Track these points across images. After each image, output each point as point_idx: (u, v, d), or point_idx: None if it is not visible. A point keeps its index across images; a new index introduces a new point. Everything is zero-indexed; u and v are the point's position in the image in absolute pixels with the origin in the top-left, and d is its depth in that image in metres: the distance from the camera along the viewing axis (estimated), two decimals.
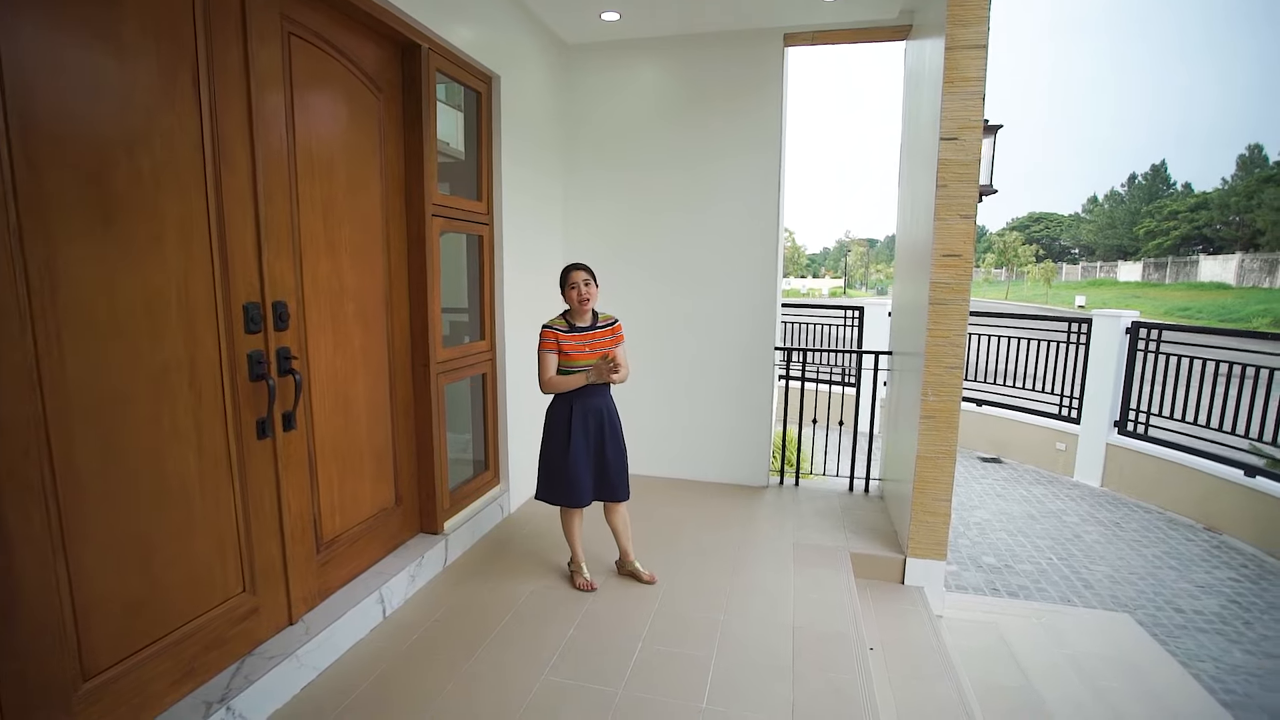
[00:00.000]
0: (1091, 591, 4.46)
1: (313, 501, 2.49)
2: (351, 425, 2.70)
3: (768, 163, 4.16)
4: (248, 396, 2.15)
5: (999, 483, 6.79)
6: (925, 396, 3.25)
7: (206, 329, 1.99)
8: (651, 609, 2.81)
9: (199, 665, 2.02)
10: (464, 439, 3.75)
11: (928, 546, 3.32)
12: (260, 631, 2.25)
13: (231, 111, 2.03)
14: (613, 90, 4.36)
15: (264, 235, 2.17)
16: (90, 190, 1.64)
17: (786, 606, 2.85)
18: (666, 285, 4.43)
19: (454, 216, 3.23)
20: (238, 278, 2.09)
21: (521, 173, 3.82)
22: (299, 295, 2.36)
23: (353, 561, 2.74)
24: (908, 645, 2.85)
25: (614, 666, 2.40)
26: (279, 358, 2.26)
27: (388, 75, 2.83)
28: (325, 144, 2.47)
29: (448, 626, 2.67)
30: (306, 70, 2.35)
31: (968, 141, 3.01)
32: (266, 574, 2.27)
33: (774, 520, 3.83)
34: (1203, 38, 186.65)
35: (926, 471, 3.29)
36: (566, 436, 2.85)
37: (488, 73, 3.45)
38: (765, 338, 4.29)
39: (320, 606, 2.52)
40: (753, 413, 4.37)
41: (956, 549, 5.14)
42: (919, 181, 3.53)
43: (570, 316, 2.91)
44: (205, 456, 2.01)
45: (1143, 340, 6.30)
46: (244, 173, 2.09)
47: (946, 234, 3.09)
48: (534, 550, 3.37)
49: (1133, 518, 5.77)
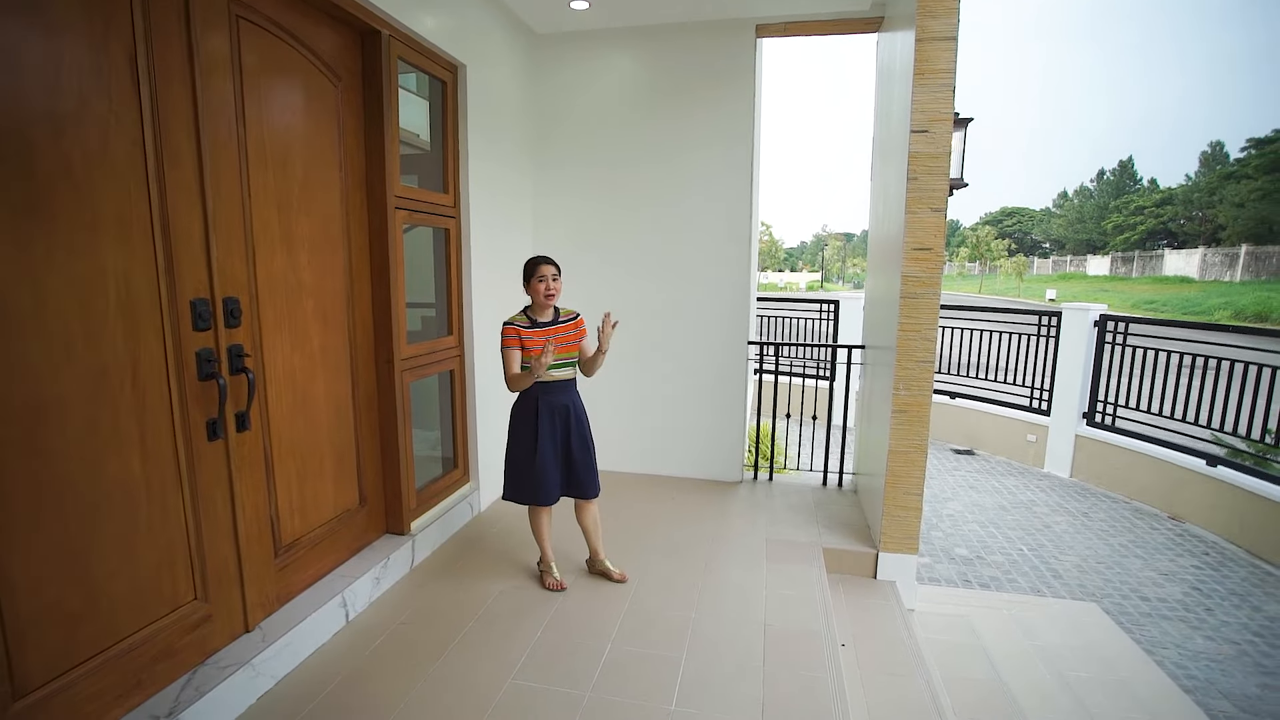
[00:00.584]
0: (1060, 581, 4.52)
1: (270, 504, 2.41)
2: (311, 425, 2.62)
3: (740, 155, 4.12)
4: (197, 396, 2.06)
5: (972, 474, 6.87)
6: (897, 391, 3.25)
7: (150, 327, 1.90)
8: (622, 608, 2.77)
9: (147, 678, 1.93)
10: (433, 436, 3.68)
11: (900, 541, 3.33)
12: (214, 640, 2.17)
13: (174, 98, 1.93)
14: (584, 81, 4.29)
15: (212, 229, 2.07)
16: (13, 176, 1.54)
17: (758, 604, 2.83)
18: (638, 279, 4.38)
19: (419, 209, 3.15)
20: (184, 273, 1.99)
21: (490, 165, 3.74)
22: (252, 291, 2.27)
23: (315, 565, 2.66)
24: (879, 641, 2.85)
25: (583, 668, 2.36)
26: (231, 355, 2.17)
27: (347, 63, 2.74)
28: (279, 134, 2.37)
29: (413, 629, 2.60)
30: (257, 56, 2.26)
31: (938, 134, 3.00)
32: (220, 580, 2.18)
33: (747, 516, 3.82)
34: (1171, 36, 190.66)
35: (898, 466, 3.29)
36: (533, 434, 2.80)
37: (453, 62, 3.36)
38: (739, 332, 4.27)
39: (279, 612, 2.44)
40: (726, 407, 4.35)
41: (930, 541, 5.18)
42: (890, 175, 3.52)
43: (532, 311, 2.85)
44: (150, 460, 1.92)
45: (1110, 333, 6.41)
46: (189, 163, 1.99)
47: (917, 227, 3.08)
48: (504, 549, 3.32)
49: (1100, 507, 5.87)
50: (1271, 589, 4.39)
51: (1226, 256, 37.67)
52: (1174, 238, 50.33)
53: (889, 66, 3.74)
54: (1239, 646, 3.73)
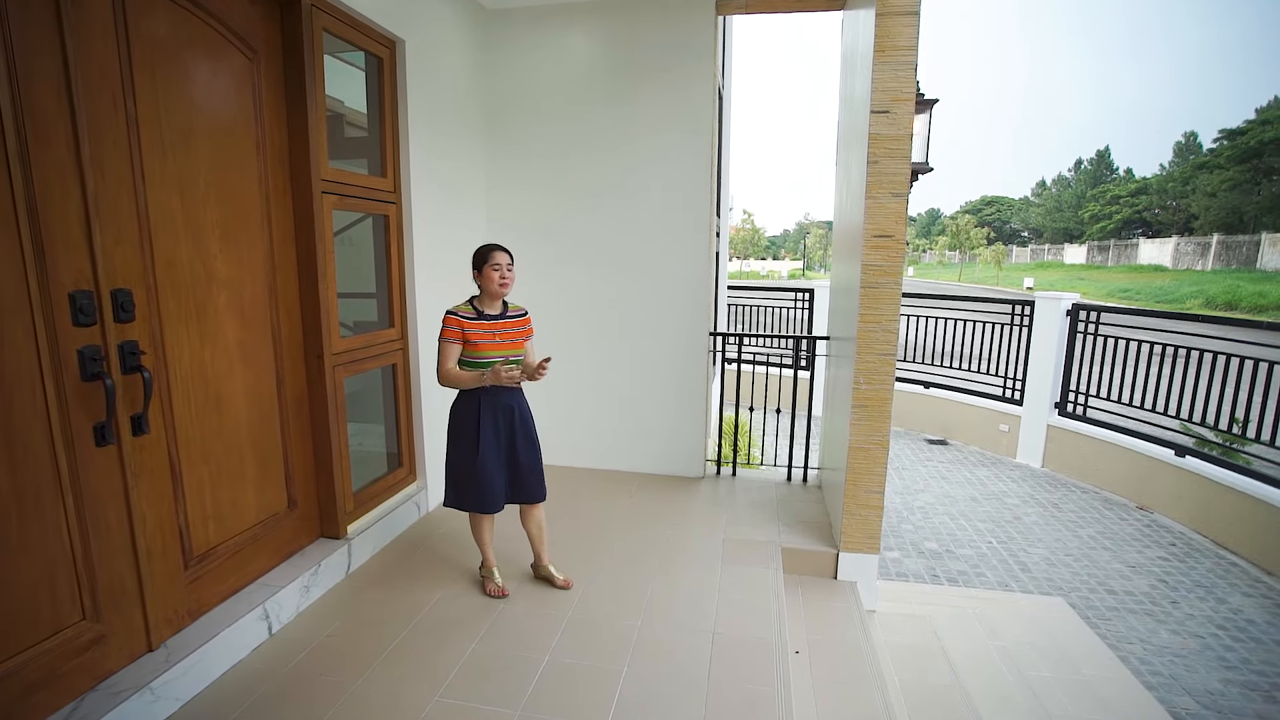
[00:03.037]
0: (1029, 575, 4.46)
1: (177, 512, 2.23)
2: (228, 425, 2.43)
3: (701, 139, 3.95)
4: (81, 399, 1.87)
5: (944, 465, 6.81)
6: (857, 384, 3.12)
7: (15, 323, 1.71)
8: (564, 617, 2.63)
9: (20, 710, 1.75)
10: (379, 433, 3.50)
11: (860, 540, 3.22)
12: (107, 663, 1.99)
13: (40, 69, 1.73)
14: (536, 62, 4.08)
15: (95, 215, 1.88)
16: None
17: (709, 610, 2.70)
18: (594, 267, 4.21)
19: (352, 194, 2.95)
20: (59, 262, 1.80)
21: (435, 148, 3.54)
22: (149, 282, 2.08)
23: (234, 574, 2.49)
24: (835, 646, 2.74)
25: (515, 684, 2.21)
26: (123, 353, 1.98)
27: (263, 34, 2.53)
28: (180, 111, 2.17)
29: (341, 642, 2.44)
30: (148, 22, 2.04)
31: (899, 114, 2.86)
32: (114, 597, 2.00)
33: (706, 514, 3.69)
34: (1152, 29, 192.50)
35: (859, 462, 3.17)
36: (475, 437, 2.63)
37: (390, 36, 3.15)
38: (700, 322, 4.12)
39: (190, 628, 2.26)
40: (687, 401, 4.21)
41: (899, 534, 5.10)
42: (852, 160, 3.38)
43: (479, 302, 2.67)
44: (21, 471, 1.73)
45: (1083, 322, 6.36)
46: (62, 141, 1.79)
47: (878, 213, 2.95)
48: (448, 553, 3.16)
49: (1070, 498, 5.84)
50: (1235, 580, 4.36)
51: (1199, 245, 38.24)
52: (1149, 227, 51.02)
53: (852, 47, 3.58)
54: (1203, 640, 3.69)
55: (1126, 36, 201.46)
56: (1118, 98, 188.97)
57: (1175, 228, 47.09)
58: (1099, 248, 48.27)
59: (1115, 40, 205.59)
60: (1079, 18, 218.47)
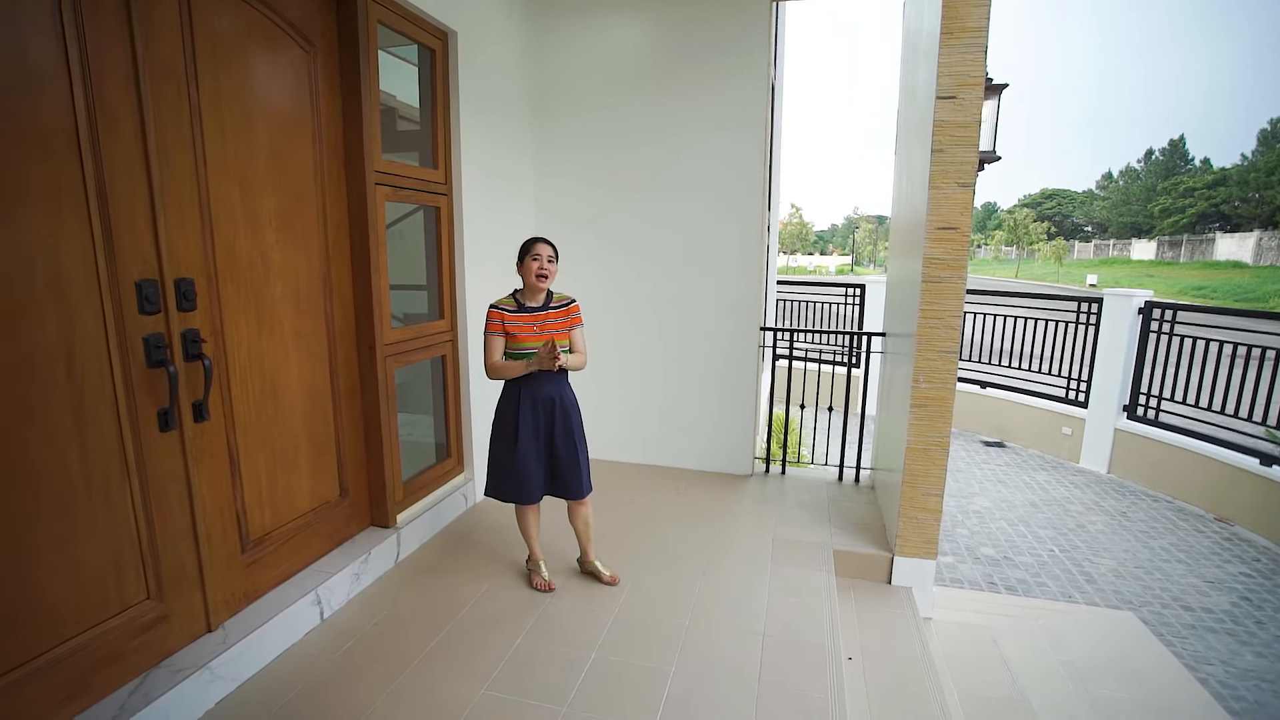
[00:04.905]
0: (1094, 587, 4.23)
1: (235, 497, 2.27)
2: (283, 413, 2.47)
3: (754, 131, 3.84)
4: (146, 385, 1.92)
5: (1001, 468, 6.55)
6: (916, 383, 2.99)
7: (86, 310, 1.75)
8: (611, 614, 2.59)
9: (91, 682, 1.81)
10: (428, 424, 3.53)
11: (917, 545, 3.09)
12: (169, 641, 2.05)
13: (108, 58, 1.76)
14: (584, 52, 4.04)
15: (160, 204, 1.92)
16: None
17: (759, 611, 2.63)
18: (643, 260, 4.15)
19: (405, 186, 2.97)
20: (127, 252, 1.84)
21: (484, 139, 3.54)
22: (210, 272, 2.12)
23: (288, 560, 2.53)
24: (890, 654, 2.63)
25: (562, 680, 2.19)
26: (185, 341, 2.02)
27: (319, 26, 2.55)
28: (240, 102, 2.20)
29: (389, 631, 2.46)
30: (211, 14, 2.08)
31: (967, 100, 2.71)
32: (176, 578, 2.06)
33: (755, 513, 3.61)
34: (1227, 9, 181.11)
35: (916, 464, 3.04)
36: (514, 428, 2.62)
37: (442, 28, 3.15)
38: (750, 317, 4.03)
39: (246, 611, 2.31)
40: (736, 397, 4.12)
41: (954, 539, 4.91)
42: (914, 149, 3.24)
43: (522, 295, 2.66)
44: (91, 454, 1.79)
45: (1156, 321, 6.00)
46: (130, 131, 1.83)
47: (942, 204, 2.81)
48: (494, 545, 3.16)
49: (1140, 506, 5.53)
50: None
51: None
52: (1227, 220, 48.06)
53: (915, 30, 3.43)
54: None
55: (1204, 17, 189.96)
56: (1193, 84, 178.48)
57: (1258, 221, 44.19)
58: (1170, 243, 45.74)
59: (1191, 21, 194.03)
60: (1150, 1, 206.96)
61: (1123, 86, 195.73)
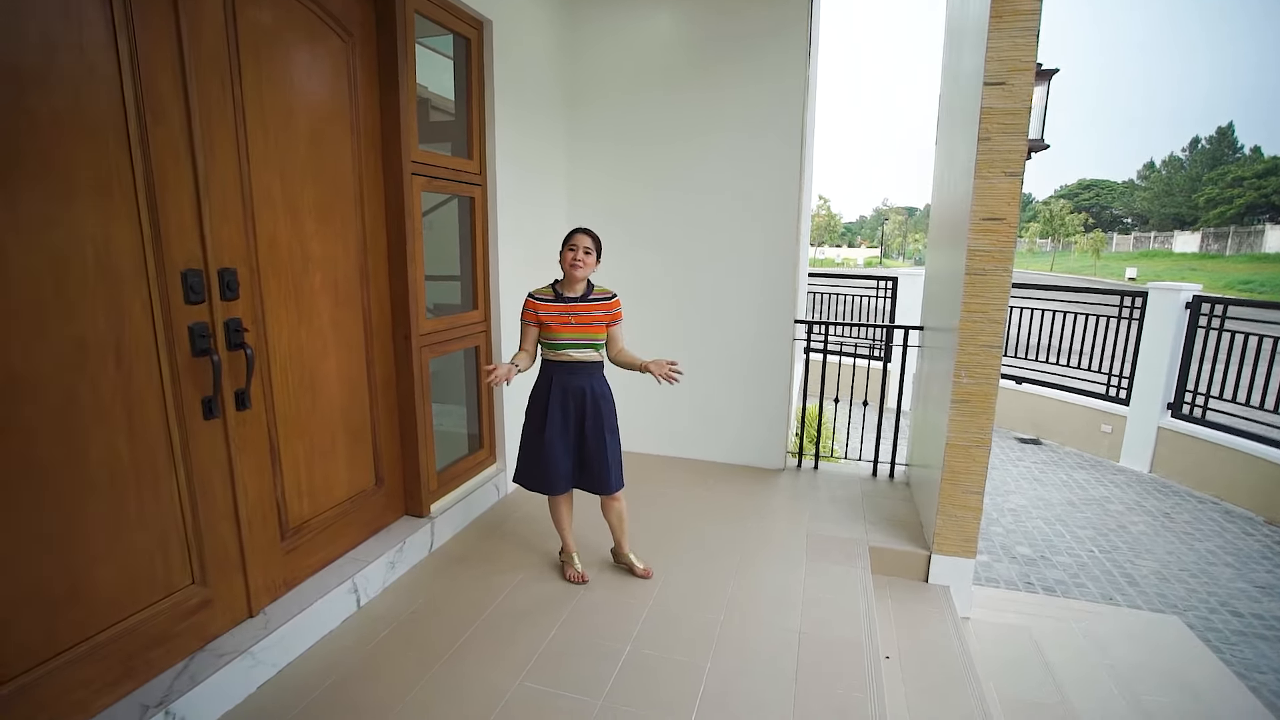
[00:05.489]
0: (1136, 589, 4.11)
1: (275, 485, 2.30)
2: (321, 403, 2.50)
3: (790, 124, 3.77)
4: (191, 373, 1.94)
5: (1037, 465, 6.39)
6: (958, 378, 2.92)
7: (135, 299, 1.78)
8: (644, 607, 2.58)
9: (138, 665, 1.85)
10: (461, 414, 3.55)
11: (955, 543, 3.03)
12: (213, 626, 2.08)
13: (156, 50, 1.78)
14: (619, 44, 4.00)
15: (205, 195, 1.93)
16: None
17: (794, 608, 2.59)
18: (674, 253, 4.11)
19: (440, 176, 2.97)
20: (173, 242, 1.86)
21: (519, 129, 3.52)
22: (252, 262, 2.14)
23: (326, 548, 2.56)
24: (928, 653, 2.58)
25: (596, 673, 2.18)
26: (228, 330, 2.05)
27: (357, 16, 2.55)
28: (281, 93, 2.21)
29: (424, 620, 2.48)
30: (254, 6, 2.09)
31: (1017, 86, 2.62)
32: (220, 564, 2.09)
33: (788, 508, 3.56)
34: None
35: (957, 461, 2.97)
36: (542, 417, 2.61)
37: (478, 17, 3.14)
38: (784, 309, 3.96)
39: (285, 597, 2.35)
40: (770, 390, 4.07)
41: (988, 537, 4.81)
42: (957, 137, 3.15)
43: (561, 285, 2.64)
44: (139, 440, 1.82)
45: (1204, 316, 5.78)
46: (177, 122, 1.85)
47: (988, 194, 2.72)
48: (526, 536, 3.17)
49: (1184, 508, 5.35)
50: None
51: None
52: (1278, 212, 46.25)
53: (961, 14, 3.32)
54: None
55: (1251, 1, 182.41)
56: (1242, 69, 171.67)
57: None
58: (1215, 235, 44.17)
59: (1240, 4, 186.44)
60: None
61: (1167, 73, 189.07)
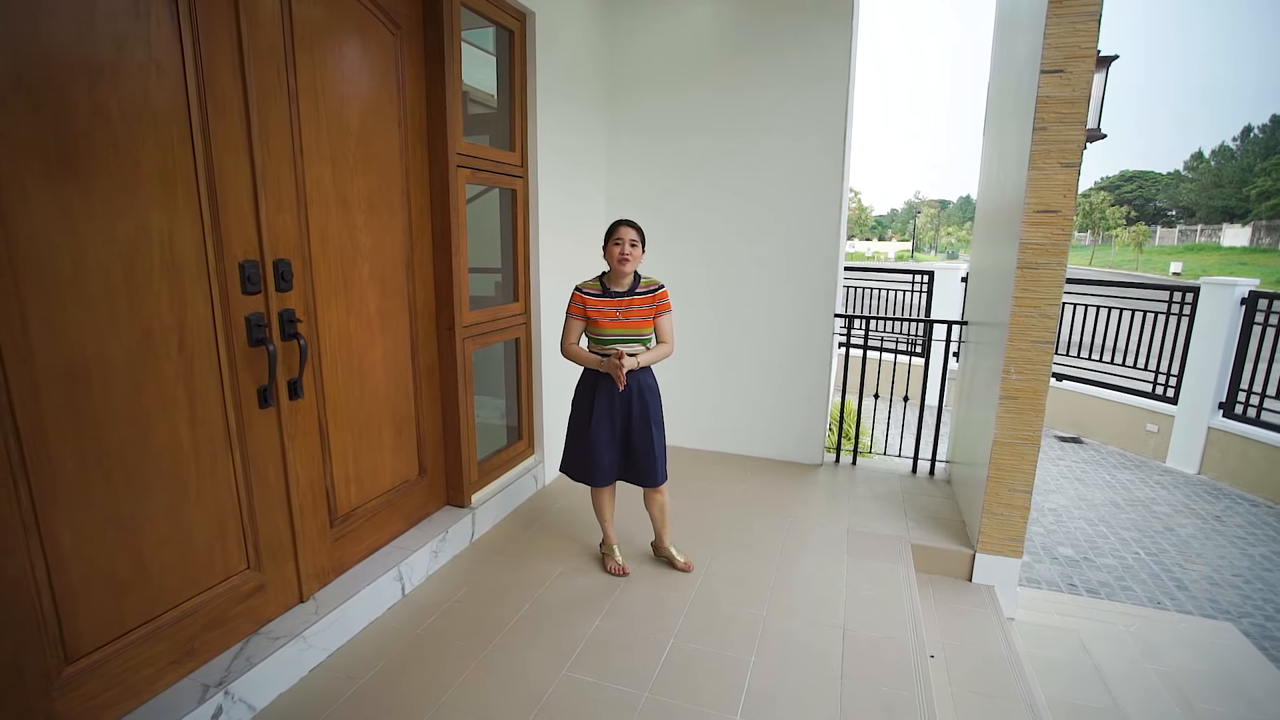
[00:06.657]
0: (1186, 594, 3.99)
1: (325, 473, 2.34)
2: (368, 393, 2.53)
3: (832, 118, 3.70)
4: (247, 362, 1.98)
5: (1079, 465, 6.24)
6: (1007, 374, 2.85)
7: (196, 289, 1.82)
8: (686, 600, 2.58)
9: (198, 646, 1.91)
10: (499, 406, 3.57)
11: (1001, 542, 2.96)
12: (267, 610, 2.13)
13: (217, 44, 1.81)
14: (661, 36, 3.96)
15: (261, 186, 1.96)
16: (47, 129, 1.45)
17: (837, 604, 2.57)
18: (713, 247, 4.08)
19: (483, 168, 2.98)
20: (232, 233, 1.90)
21: (560, 121, 3.52)
22: (305, 254, 2.17)
23: (371, 536, 2.61)
24: (974, 653, 2.54)
25: (641, 665, 2.19)
26: (282, 321, 2.08)
27: (406, 10, 2.56)
28: (333, 85, 2.24)
29: (468, 609, 2.51)
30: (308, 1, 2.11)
31: (1075, 74, 2.53)
32: (273, 549, 2.14)
33: (827, 503, 3.53)
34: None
35: (1004, 458, 2.91)
36: (589, 409, 2.61)
37: (521, 9, 3.14)
38: (824, 303, 3.91)
39: (334, 583, 2.39)
40: (808, 384, 4.02)
41: (1029, 537, 4.71)
42: (1009, 127, 3.06)
43: (607, 279, 2.63)
44: (199, 427, 1.86)
45: (1261, 312, 5.57)
46: (236, 114, 1.88)
47: (1043, 186, 2.64)
48: (566, 527, 3.19)
49: (1236, 511, 5.18)
50: None
51: None
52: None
53: (1014, 1, 3.23)
54: None
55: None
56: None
57: None
58: (1268, 228, 42.52)
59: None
60: None
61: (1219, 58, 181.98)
